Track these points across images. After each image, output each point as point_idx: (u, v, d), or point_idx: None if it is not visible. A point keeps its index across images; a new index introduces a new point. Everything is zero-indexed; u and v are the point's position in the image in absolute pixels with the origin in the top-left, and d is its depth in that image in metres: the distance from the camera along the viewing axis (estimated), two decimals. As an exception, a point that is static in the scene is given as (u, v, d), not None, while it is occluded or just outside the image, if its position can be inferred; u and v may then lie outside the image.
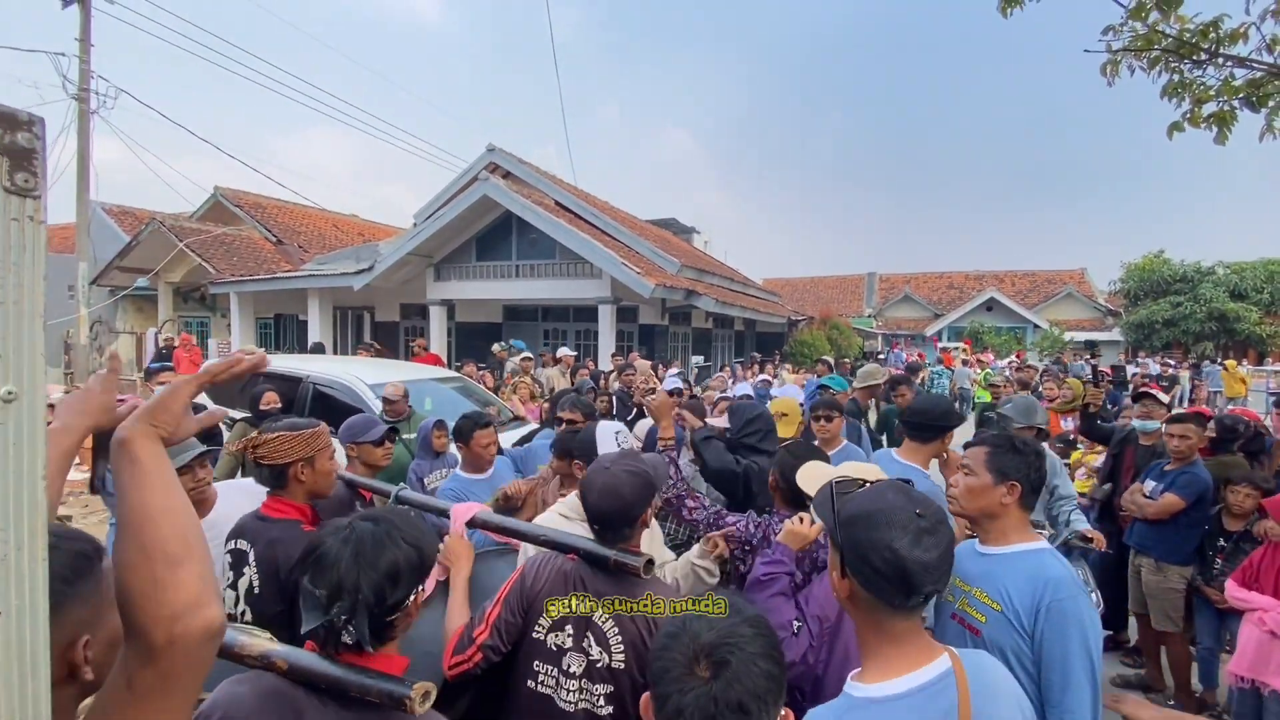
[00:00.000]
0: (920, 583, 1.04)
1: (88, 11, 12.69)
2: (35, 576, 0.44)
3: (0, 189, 0.42)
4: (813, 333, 17.05)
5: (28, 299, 0.43)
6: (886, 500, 1.13)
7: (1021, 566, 1.51)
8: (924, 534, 1.07)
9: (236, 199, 16.55)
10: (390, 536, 1.14)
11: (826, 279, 36.04)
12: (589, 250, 9.96)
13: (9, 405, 0.43)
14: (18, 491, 0.43)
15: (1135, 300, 24.73)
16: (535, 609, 1.56)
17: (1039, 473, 1.63)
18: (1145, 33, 3.84)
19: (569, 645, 1.52)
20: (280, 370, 5.63)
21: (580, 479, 1.75)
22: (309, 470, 1.88)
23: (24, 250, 0.43)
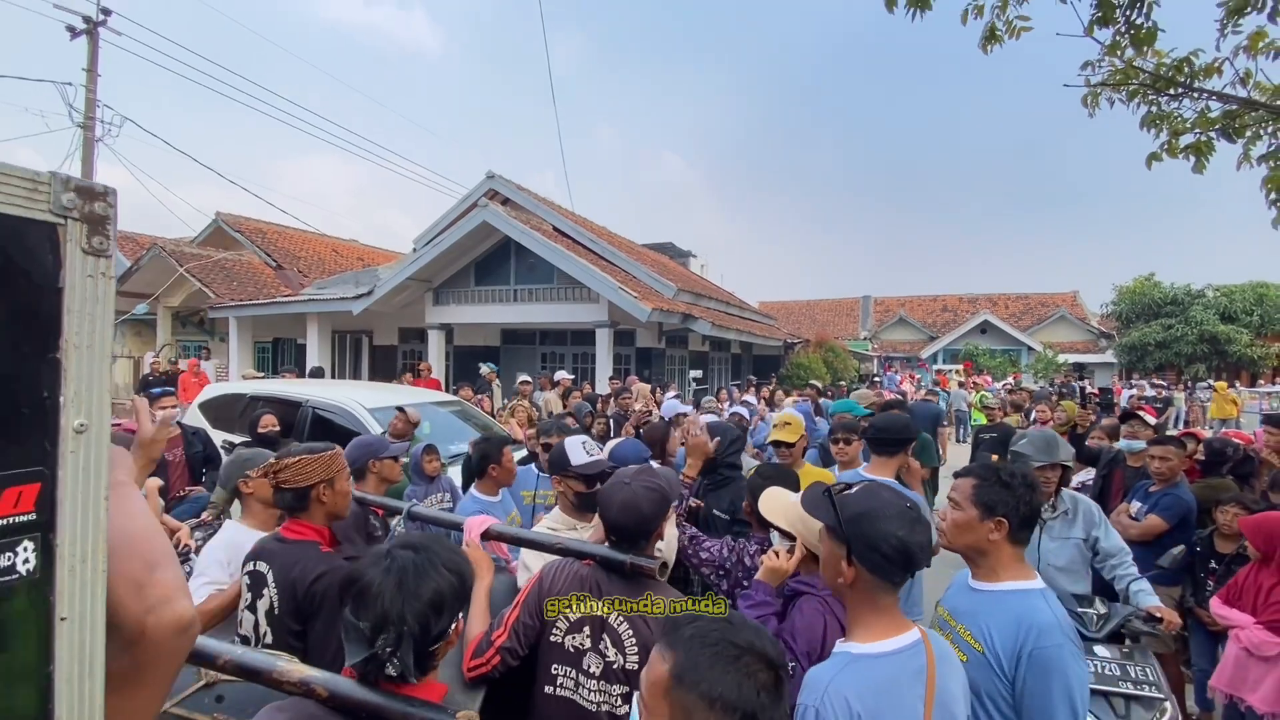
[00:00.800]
0: (918, 561, 1.25)
1: (95, 43, 12.98)
2: (96, 586, 0.50)
3: (80, 250, 0.48)
4: (809, 355, 17.14)
5: (99, 343, 0.50)
6: (883, 498, 1.33)
7: (1008, 608, 1.48)
8: (915, 522, 1.27)
9: (237, 224, 16.71)
10: (432, 564, 1.14)
11: (822, 302, 36.35)
12: (586, 275, 10.07)
13: (81, 436, 0.49)
14: (84, 511, 0.49)
15: (1127, 323, 24.97)
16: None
17: (1030, 506, 1.56)
18: (1123, 68, 3.99)
19: (587, 646, 1.58)
20: (280, 394, 5.67)
21: (600, 493, 1.78)
22: (329, 491, 1.91)
23: (96, 302, 0.49)
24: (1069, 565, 2.58)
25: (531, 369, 11.40)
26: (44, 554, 0.48)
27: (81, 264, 0.48)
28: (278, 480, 1.87)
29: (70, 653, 0.49)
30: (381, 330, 14.32)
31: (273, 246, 16.65)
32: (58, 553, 0.48)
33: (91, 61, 12.96)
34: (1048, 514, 2.60)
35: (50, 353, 0.47)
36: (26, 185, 0.45)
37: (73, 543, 0.49)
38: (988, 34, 3.85)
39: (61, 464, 0.48)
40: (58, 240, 0.47)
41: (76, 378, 0.48)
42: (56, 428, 0.47)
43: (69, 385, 0.48)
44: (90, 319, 0.49)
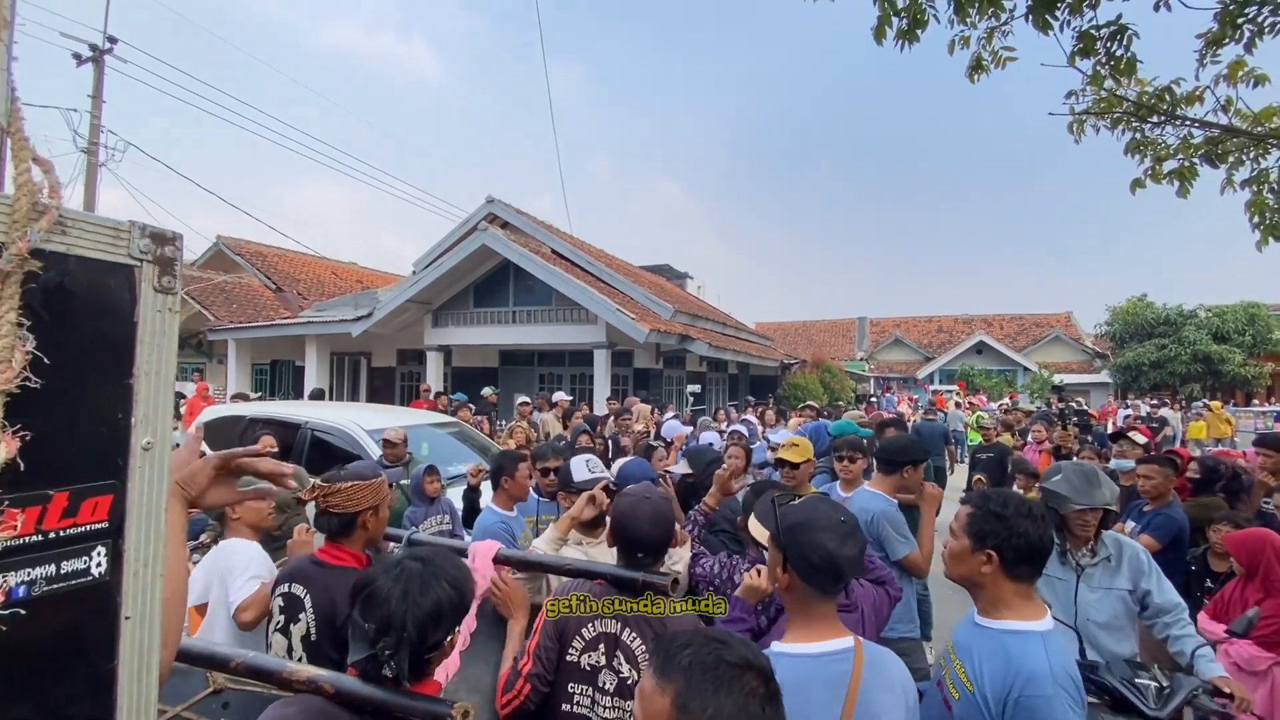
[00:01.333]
0: (845, 573, 1.33)
1: (101, 70, 13.22)
2: (155, 588, 0.55)
3: (152, 289, 0.54)
4: (805, 376, 17.22)
5: (164, 371, 0.56)
6: (819, 510, 1.40)
7: (1002, 649, 1.40)
8: (847, 536, 1.34)
9: (237, 247, 16.85)
10: (436, 577, 1.21)
11: (818, 323, 36.56)
12: (584, 297, 10.17)
13: (147, 453, 0.54)
14: (148, 520, 0.54)
15: (1121, 343, 25.17)
16: (567, 634, 1.66)
17: (1026, 539, 1.43)
18: (1106, 96, 4.12)
19: (601, 664, 1.61)
20: (278, 416, 5.70)
21: (617, 508, 1.82)
22: (374, 518, 1.93)
23: (163, 334, 0.55)
24: (1112, 621, 2.18)
25: (530, 390, 11.45)
26: (113, 558, 0.53)
27: (153, 301, 0.54)
28: (328, 504, 1.87)
29: (132, 650, 0.54)
30: (380, 352, 14.37)
31: (273, 269, 16.78)
32: (125, 558, 0.54)
33: (97, 88, 13.18)
34: (1086, 560, 2.24)
35: (125, 379, 0.53)
36: (110, 233, 0.52)
37: (137, 548, 0.54)
38: (974, 64, 3.98)
39: (131, 478, 0.54)
40: (134, 280, 0.53)
41: (146, 401, 0.54)
42: (128, 445, 0.54)
43: (139, 407, 0.54)
44: (158, 349, 0.55)
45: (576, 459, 2.55)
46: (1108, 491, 2.23)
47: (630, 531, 1.75)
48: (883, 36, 3.79)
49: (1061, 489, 2.24)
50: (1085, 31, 3.60)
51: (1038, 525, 1.45)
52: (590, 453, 3.34)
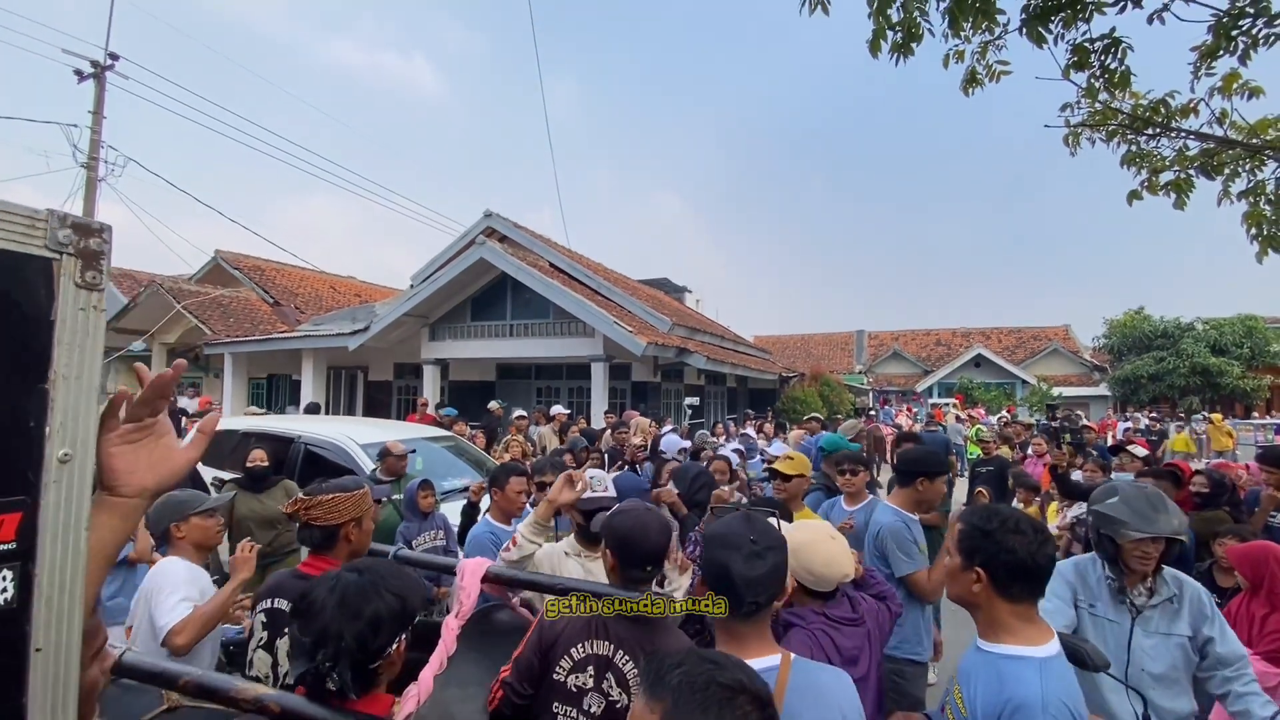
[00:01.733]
0: (743, 594, 1.29)
1: (102, 86, 13.29)
2: (73, 617, 0.50)
3: (73, 284, 0.50)
4: (804, 389, 17.17)
5: (87, 375, 0.51)
6: (730, 527, 1.38)
7: (997, 674, 1.32)
8: (754, 556, 1.32)
9: (236, 261, 16.84)
10: (374, 587, 1.20)
11: (816, 336, 36.56)
12: (582, 310, 10.15)
13: (65, 465, 0.49)
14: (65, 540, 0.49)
15: (1119, 356, 25.17)
16: (554, 653, 1.62)
17: (1014, 556, 1.34)
18: (1101, 109, 4.12)
19: (590, 686, 1.58)
20: (272, 430, 5.63)
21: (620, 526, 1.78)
22: (357, 530, 1.90)
23: (87, 335, 0.51)
24: (1169, 673, 1.88)
25: (527, 404, 11.38)
26: (21, 584, 0.48)
27: (74, 298, 0.50)
28: (309, 517, 1.85)
29: (44, 684, 0.48)
30: (377, 366, 14.31)
31: (271, 283, 16.76)
32: (36, 583, 0.48)
33: (98, 104, 13.25)
34: (1143, 600, 1.95)
35: (39, 383, 0.48)
36: (24, 221, 0.47)
37: (51, 573, 0.49)
38: (968, 78, 3.99)
39: (44, 494, 0.48)
40: (53, 274, 0.49)
41: (63, 409, 0.49)
42: (41, 457, 0.48)
43: (56, 416, 0.49)
44: (80, 351, 0.50)
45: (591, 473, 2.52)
46: (1175, 519, 1.90)
47: (641, 545, 1.73)
48: (878, 50, 3.79)
49: (1118, 514, 1.90)
50: (1079, 44, 3.61)
51: (1028, 541, 1.34)
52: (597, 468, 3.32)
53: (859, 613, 1.83)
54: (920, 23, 3.69)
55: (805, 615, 1.77)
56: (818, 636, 1.71)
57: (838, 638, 1.74)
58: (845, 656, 1.72)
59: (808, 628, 1.73)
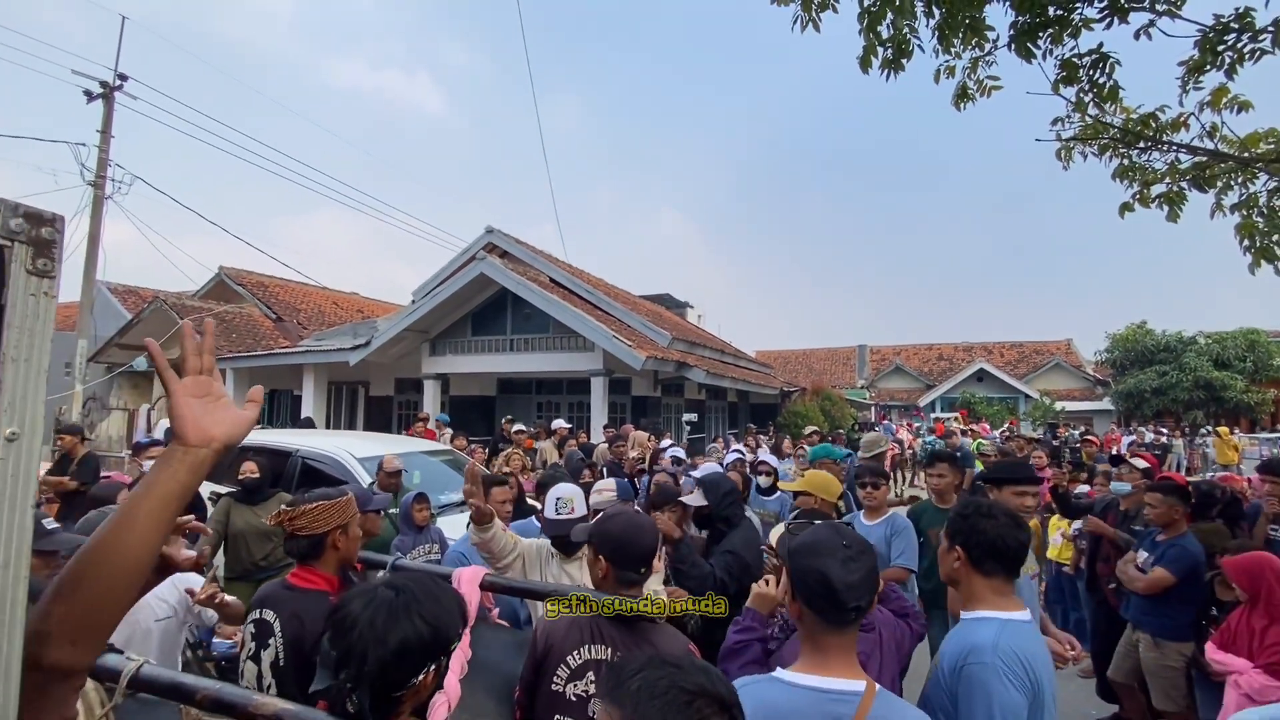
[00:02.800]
0: (845, 599, 1.26)
1: (111, 106, 13.51)
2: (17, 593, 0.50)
3: (24, 270, 0.51)
4: (805, 404, 17.13)
5: (36, 357, 0.52)
6: (819, 535, 1.37)
7: (965, 630, 1.54)
8: (850, 560, 1.30)
9: (239, 278, 16.97)
10: (407, 610, 1.11)
11: (818, 351, 36.56)
12: (581, 324, 10.18)
13: (11, 444, 0.50)
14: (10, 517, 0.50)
15: (1122, 370, 25.08)
16: (549, 662, 1.61)
17: (985, 536, 1.57)
18: (1091, 123, 4.16)
19: (591, 693, 1.56)
20: (269, 444, 5.63)
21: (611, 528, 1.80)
22: (344, 537, 1.89)
23: (37, 319, 0.52)
24: None
25: (528, 418, 11.37)
26: (-37, 560, 0.48)
27: (25, 284, 0.51)
28: (294, 527, 1.84)
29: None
30: (378, 381, 14.34)
31: (273, 299, 16.86)
32: (-25, 557, 0.49)
33: (106, 123, 13.45)
34: None
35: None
36: (-27, 210, 0.48)
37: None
38: (959, 93, 4.03)
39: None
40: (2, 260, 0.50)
41: (12, 389, 0.50)
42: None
43: (4, 395, 0.50)
44: (30, 335, 0.51)
45: (550, 492, 2.53)
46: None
47: (634, 548, 1.73)
48: (869, 66, 3.84)
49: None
50: (1067, 60, 3.65)
51: (997, 524, 1.58)
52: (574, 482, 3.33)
53: (871, 621, 1.79)
54: (910, 39, 3.74)
55: None
56: None
57: None
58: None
59: None
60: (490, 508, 2.52)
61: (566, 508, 2.43)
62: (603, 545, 1.76)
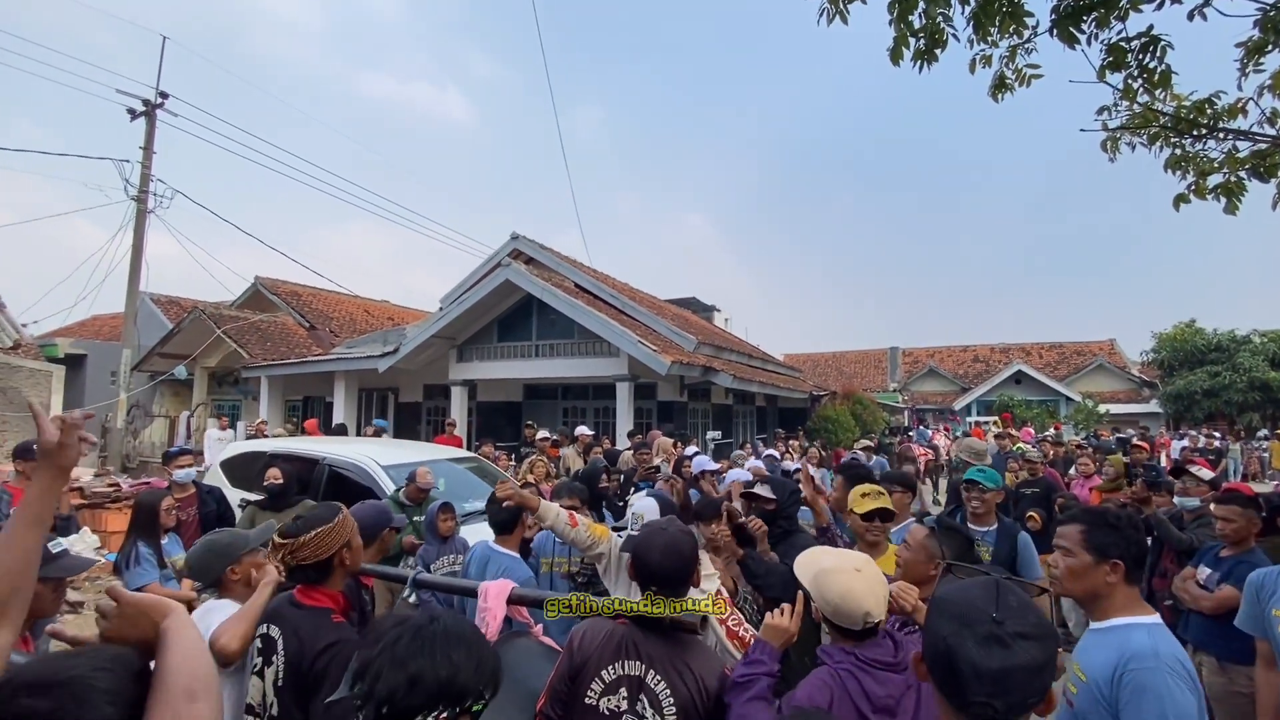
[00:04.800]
0: (969, 689, 0.96)
1: (153, 123, 13.97)
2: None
3: None
4: (836, 408, 16.77)
5: None
6: (968, 594, 1.07)
7: (1113, 638, 1.52)
8: (993, 641, 0.98)
9: (274, 287, 17.40)
10: (432, 644, 1.07)
11: (848, 354, 35.92)
12: (605, 329, 10.12)
13: None
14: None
15: (1170, 371, 24.03)
16: (584, 675, 1.60)
17: (1139, 547, 1.61)
18: (1141, 111, 3.93)
19: (624, 709, 1.56)
20: (297, 452, 5.69)
21: (634, 540, 1.78)
22: (349, 552, 1.87)
23: None
24: None
25: (553, 424, 11.34)
26: None
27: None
28: (299, 559, 1.79)
29: None
30: (407, 387, 14.50)
31: (307, 308, 17.24)
32: None
33: (148, 140, 13.92)
34: None
35: None
36: None
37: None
38: (996, 83, 3.84)
39: None
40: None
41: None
42: None
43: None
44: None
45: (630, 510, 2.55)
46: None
47: (642, 564, 1.69)
48: (899, 58, 3.69)
49: None
50: (1114, 44, 3.44)
51: (1140, 533, 1.63)
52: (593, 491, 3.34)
53: (899, 657, 1.61)
54: (944, 28, 3.58)
55: (833, 654, 1.61)
56: (842, 678, 1.54)
57: (866, 682, 1.54)
58: (875, 705, 1.51)
59: (832, 666, 1.57)
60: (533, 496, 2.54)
61: (637, 522, 2.38)
62: (635, 561, 1.72)
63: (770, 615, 1.71)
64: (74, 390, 15.24)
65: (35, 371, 13.08)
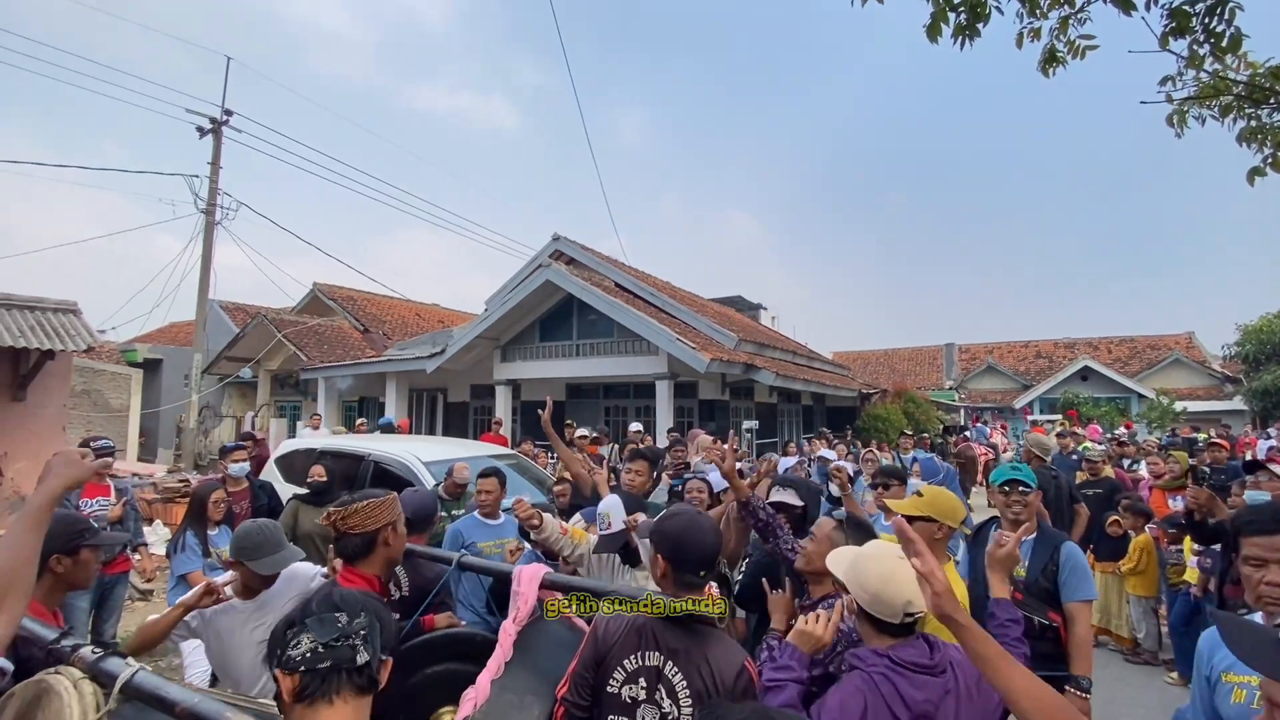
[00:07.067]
0: None
1: (219, 140, 14.78)
2: None
3: None
4: (887, 407, 16.26)
5: None
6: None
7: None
8: None
9: (331, 293, 18.17)
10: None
11: (901, 351, 34.80)
12: (643, 327, 10.12)
13: None
14: None
15: (1256, 365, 22.23)
16: (607, 665, 1.63)
17: None
18: (1210, 80, 3.64)
19: (643, 698, 1.59)
20: (345, 449, 5.91)
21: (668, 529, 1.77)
22: (394, 535, 1.92)
23: None
24: None
25: (595, 423, 11.41)
26: None
27: None
28: (346, 526, 1.86)
29: None
30: (455, 388, 14.88)
31: (362, 312, 17.94)
32: None
33: (215, 156, 14.75)
34: None
35: None
36: None
37: None
38: (1046, 57, 3.64)
39: None
40: None
41: None
42: None
43: None
44: None
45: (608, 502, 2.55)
46: None
47: (693, 548, 1.69)
48: (937, 34, 3.53)
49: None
50: (1177, 8, 3.20)
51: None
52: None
53: (936, 659, 1.50)
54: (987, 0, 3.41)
55: (865, 657, 1.50)
56: (876, 682, 1.44)
57: (903, 686, 1.44)
58: (914, 711, 1.42)
59: (866, 671, 1.47)
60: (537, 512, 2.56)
61: (604, 523, 2.38)
62: (661, 544, 1.73)
63: (803, 621, 1.65)
64: (151, 392, 16.30)
65: (117, 375, 14.06)
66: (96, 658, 1.25)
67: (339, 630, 1.05)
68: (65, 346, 6.86)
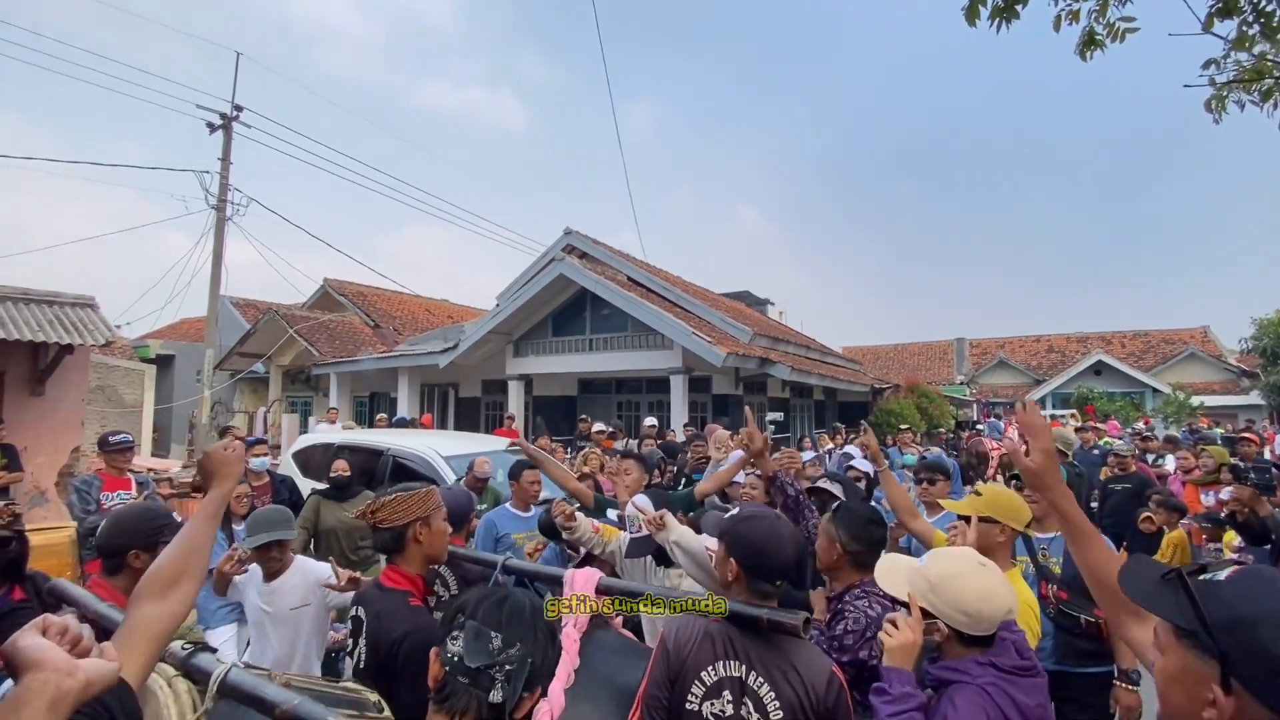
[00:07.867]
0: None
1: (229, 136, 14.78)
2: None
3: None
4: (899, 401, 16.13)
5: None
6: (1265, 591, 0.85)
7: None
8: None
9: (342, 288, 18.17)
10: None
11: (911, 345, 34.55)
12: (659, 321, 10.04)
13: None
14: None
15: (1273, 359, 21.91)
16: (684, 679, 1.50)
17: None
18: (1254, 63, 3.53)
19: (729, 713, 1.45)
20: (364, 443, 5.88)
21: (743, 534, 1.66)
22: (426, 530, 1.86)
23: None
24: None
25: (607, 418, 11.37)
26: None
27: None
28: (375, 520, 1.84)
29: None
30: (466, 383, 14.86)
31: (372, 307, 17.94)
32: None
33: (225, 152, 14.74)
34: None
35: None
36: None
37: None
38: (1085, 40, 3.53)
39: None
40: None
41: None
42: None
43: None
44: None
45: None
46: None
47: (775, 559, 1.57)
48: (976, 16, 3.43)
49: None
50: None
51: None
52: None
53: (1031, 659, 1.43)
54: (1026, -19, 3.31)
55: (968, 669, 1.40)
56: (992, 694, 1.35)
57: (1016, 693, 1.36)
58: (1030, 718, 1.36)
59: (976, 683, 1.37)
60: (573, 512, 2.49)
61: (635, 525, 2.31)
62: (736, 548, 1.61)
63: (885, 634, 1.45)
64: (164, 388, 16.36)
65: (130, 371, 14.11)
66: (187, 654, 1.22)
67: (485, 656, 1.02)
68: (84, 340, 6.85)
